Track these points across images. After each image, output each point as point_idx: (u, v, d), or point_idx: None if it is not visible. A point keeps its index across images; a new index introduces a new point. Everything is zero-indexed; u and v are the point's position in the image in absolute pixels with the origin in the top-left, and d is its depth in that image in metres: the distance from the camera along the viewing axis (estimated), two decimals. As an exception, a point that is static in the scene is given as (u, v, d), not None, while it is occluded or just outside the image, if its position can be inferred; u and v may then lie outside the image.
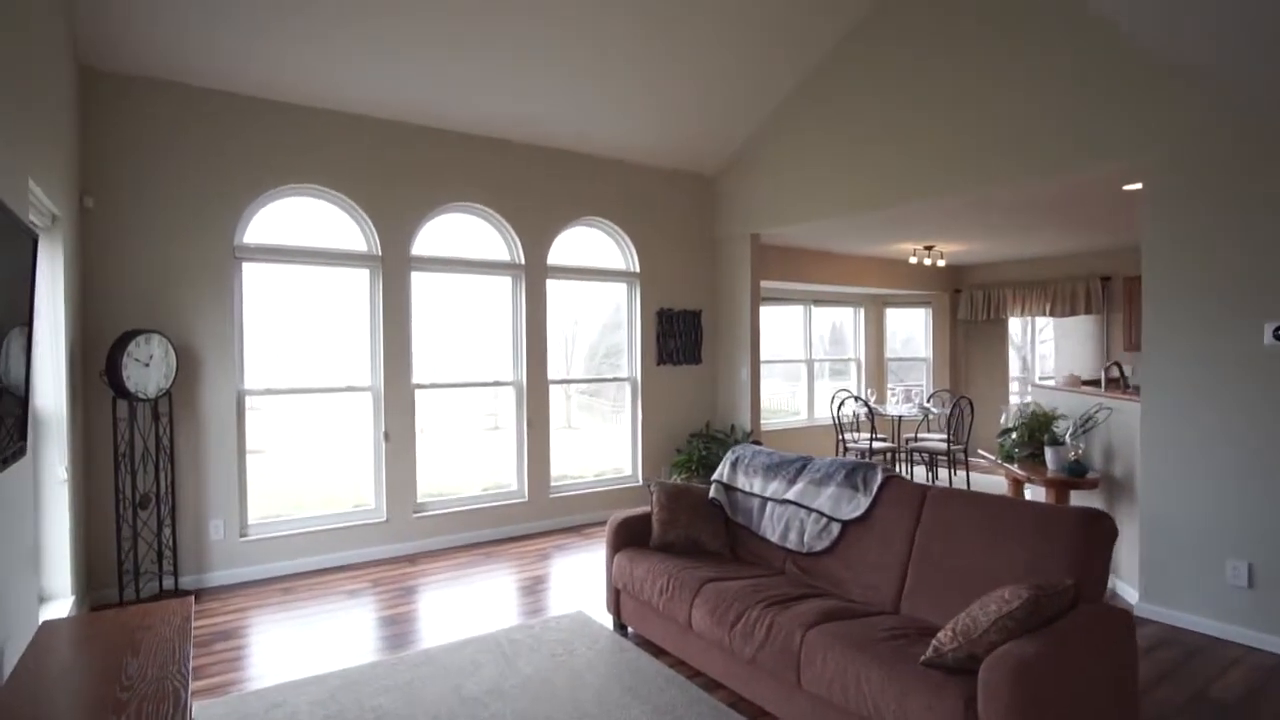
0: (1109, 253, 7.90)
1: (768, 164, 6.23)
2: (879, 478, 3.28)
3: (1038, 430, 4.91)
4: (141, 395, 4.02)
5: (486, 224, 5.63)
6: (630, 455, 6.46)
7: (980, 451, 5.40)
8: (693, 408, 6.73)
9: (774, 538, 3.54)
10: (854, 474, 3.37)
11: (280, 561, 4.70)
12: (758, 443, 5.70)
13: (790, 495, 3.57)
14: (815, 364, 8.99)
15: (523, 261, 5.71)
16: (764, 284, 7.02)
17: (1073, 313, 8.16)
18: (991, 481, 7.27)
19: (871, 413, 7.33)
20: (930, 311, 9.51)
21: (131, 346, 3.96)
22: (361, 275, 5.09)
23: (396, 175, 5.10)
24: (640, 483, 6.40)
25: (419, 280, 5.30)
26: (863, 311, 9.35)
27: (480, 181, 5.47)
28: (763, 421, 6.85)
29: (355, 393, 5.15)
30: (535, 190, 5.74)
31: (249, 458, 4.72)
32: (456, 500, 5.51)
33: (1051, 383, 7.46)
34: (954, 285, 9.36)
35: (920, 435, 7.90)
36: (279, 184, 4.69)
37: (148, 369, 4.05)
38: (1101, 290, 7.91)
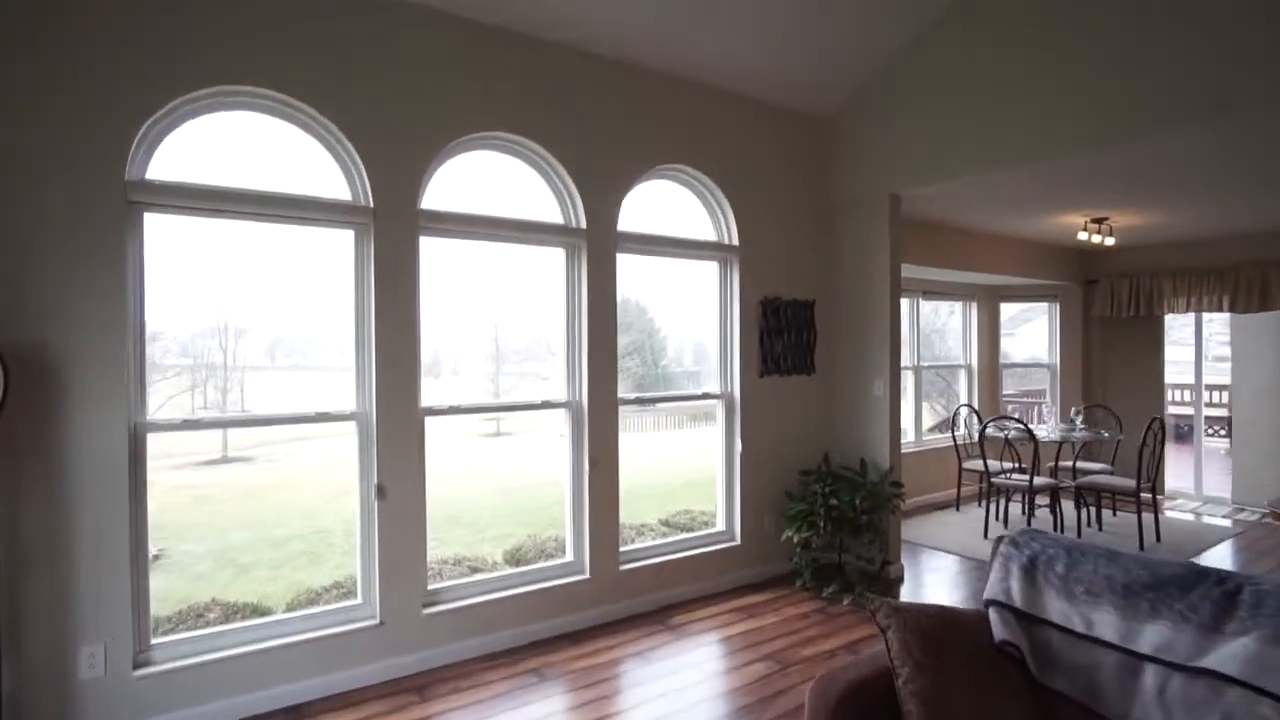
0: (1321, 229, 6.08)
1: (914, 97, 4.40)
2: None
3: None
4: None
5: (529, 170, 3.79)
6: (722, 499, 4.62)
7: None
8: (805, 434, 4.89)
9: (1177, 748, 1.72)
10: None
11: (207, 705, 2.85)
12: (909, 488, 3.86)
13: (1217, 662, 1.73)
14: (923, 370, 7.16)
15: (583, 224, 3.87)
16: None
17: (1263, 307, 6.34)
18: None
19: (1031, 435, 5.49)
20: (1057, 306, 7.68)
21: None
22: (342, 239, 3.25)
23: (392, 83, 3.26)
24: (735, 540, 4.56)
25: (429, 248, 3.46)
26: (975, 306, 7.52)
27: (519, 102, 3.63)
28: (894, 452, 5.01)
29: (331, 424, 3.31)
30: (599, 122, 3.90)
31: (153, 534, 2.88)
32: (482, 585, 3.66)
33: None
34: (1087, 274, 7.54)
35: (1081, 466, 6.06)
36: (207, 86, 2.84)
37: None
38: (1307, 278, 6.09)
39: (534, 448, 5.99)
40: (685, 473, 6.88)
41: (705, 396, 4.60)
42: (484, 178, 3.71)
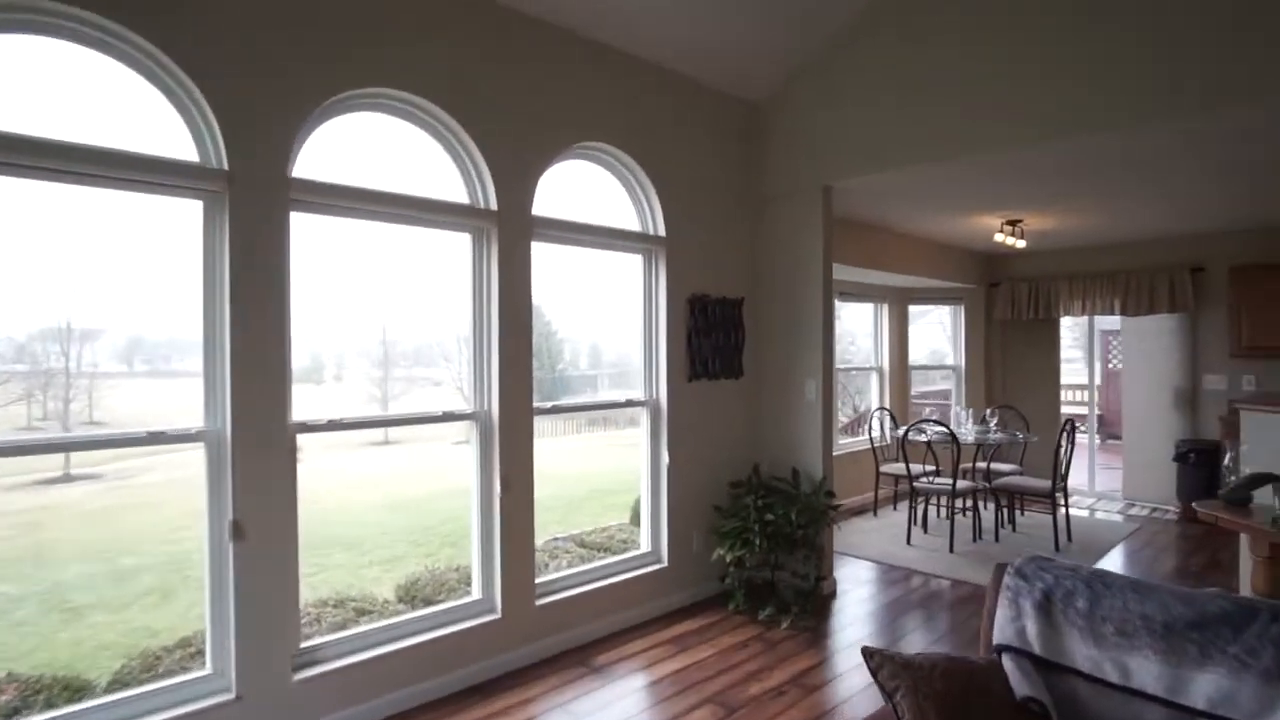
0: (1203, 237, 6.39)
1: (849, 86, 4.15)
2: None
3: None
4: None
5: (430, 140, 3.20)
6: (648, 517, 4.18)
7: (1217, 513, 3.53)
8: (734, 443, 4.53)
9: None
10: None
11: (-21, 832, 2.10)
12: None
13: (1297, 724, 1.45)
14: (836, 373, 7.02)
15: (493, 206, 3.32)
16: (817, 264, 4.93)
17: (1151, 310, 6.61)
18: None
19: (954, 439, 5.40)
20: (962, 309, 7.79)
21: None
22: (188, 211, 2.56)
23: (247, 19, 2.61)
24: (663, 562, 4.13)
25: (304, 227, 2.81)
26: (886, 308, 7.49)
27: (409, 55, 3.04)
28: (823, 459, 4.75)
29: (173, 447, 2.60)
30: (511, 85, 3.37)
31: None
32: (370, 636, 3.02)
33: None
34: (990, 277, 7.69)
35: (994, 468, 6.06)
36: (-20, -7, 2.10)
37: None
38: (1190, 283, 6.40)
39: (426, 457, 5.34)
40: (589, 479, 6.42)
41: (629, 404, 4.14)
42: (373, 147, 3.09)
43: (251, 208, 2.59)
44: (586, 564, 3.93)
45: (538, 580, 3.54)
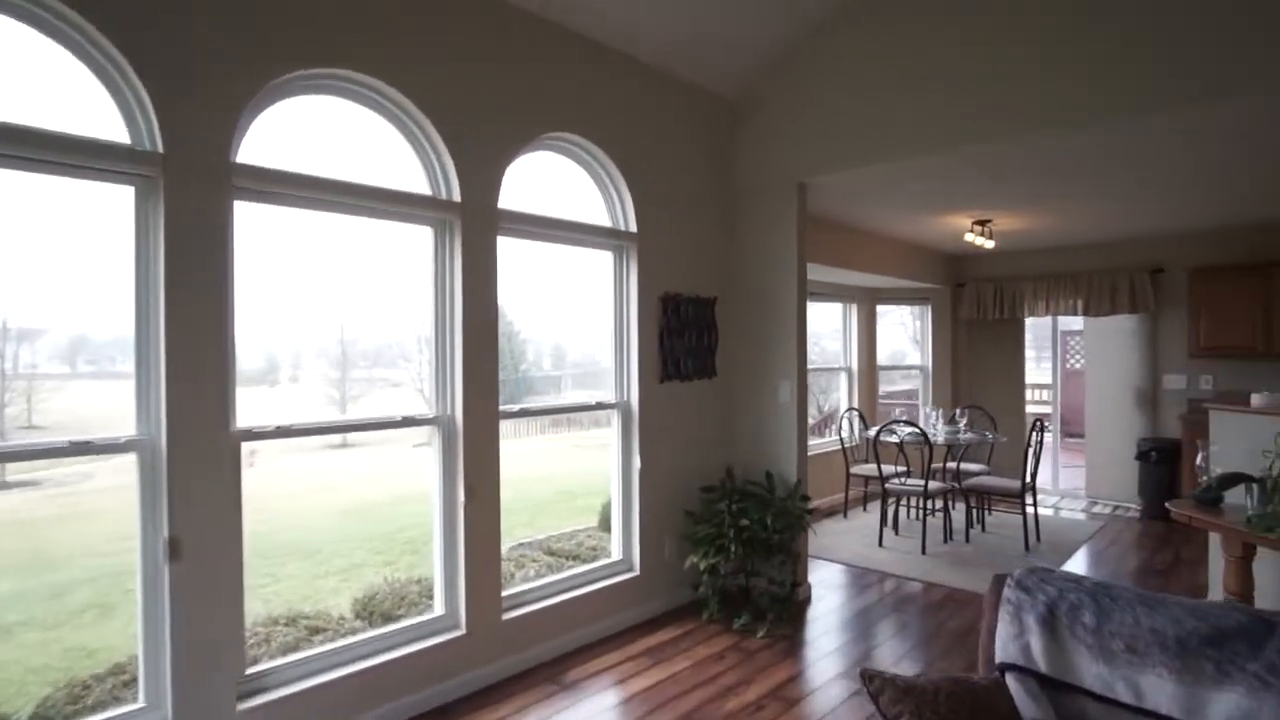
0: (1163, 239, 6.49)
1: (825, 80, 4.07)
2: None
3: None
4: None
5: (389, 127, 3.00)
6: (619, 524, 4.02)
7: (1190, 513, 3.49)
8: (707, 446, 4.41)
9: None
10: None
11: None
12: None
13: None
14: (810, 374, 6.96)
15: (456, 197, 3.14)
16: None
17: (1112, 311, 6.70)
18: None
19: (927, 439, 5.36)
20: (929, 309, 7.81)
21: None
22: (118, 196, 2.32)
23: (198, -12, 2.38)
24: (635, 570, 3.99)
25: (251, 218, 2.59)
26: (854, 308, 7.46)
27: (366, 35, 2.84)
28: (797, 462, 4.65)
29: (100, 459, 2.36)
30: (477, 69, 3.18)
31: None
32: (324, 658, 2.81)
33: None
34: (956, 278, 7.72)
35: (964, 468, 6.06)
36: None
37: None
38: (1150, 285, 6.49)
39: (387, 460, 5.11)
40: (554, 481, 6.23)
41: (600, 406, 3.98)
42: (329, 133, 2.88)
43: (188, 194, 2.36)
44: (555, 574, 3.77)
45: (504, 593, 3.36)
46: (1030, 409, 8.08)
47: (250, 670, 2.58)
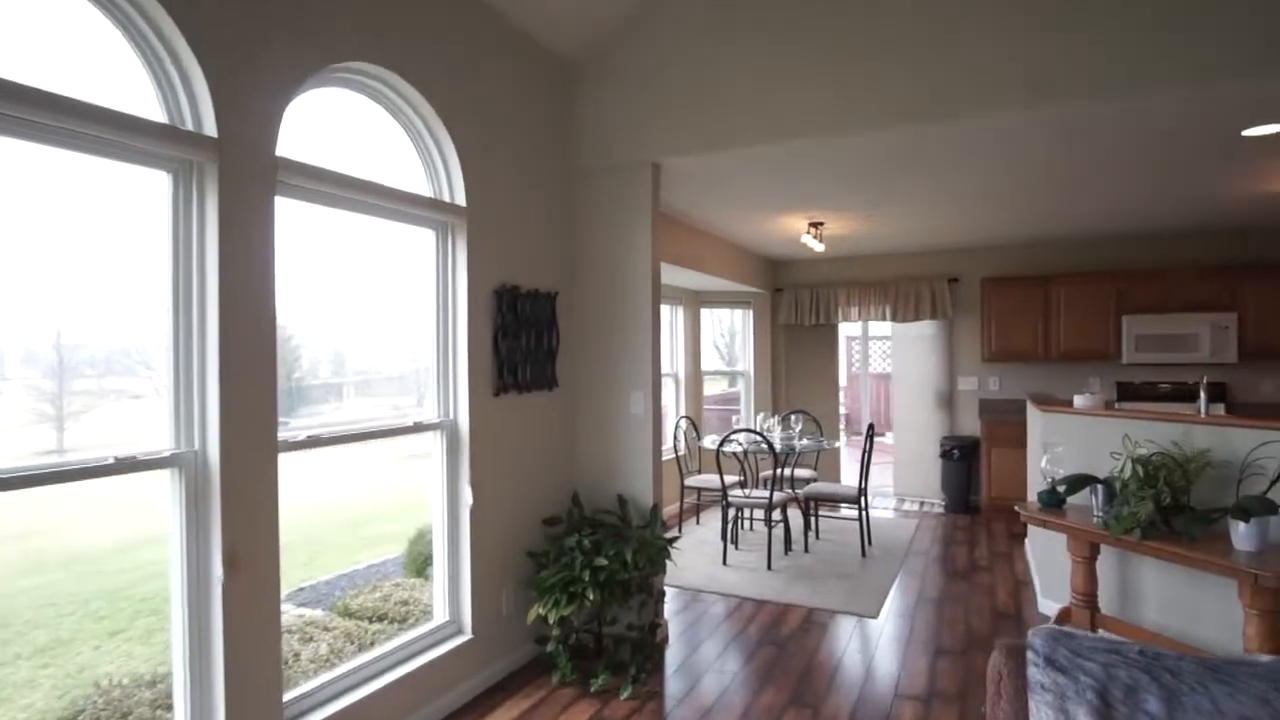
0: (958, 251, 6.95)
1: (681, 48, 3.59)
2: None
3: (1176, 486, 3.13)
4: None
5: (110, 26, 1.94)
6: (444, 577, 3.17)
7: (1027, 512, 3.45)
8: (548, 470, 3.70)
9: None
10: None
11: None
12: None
13: None
14: (636, 382, 6.49)
15: (213, 131, 2.13)
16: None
17: (916, 317, 7.06)
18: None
19: (772, 449, 5.09)
20: (750, 313, 7.74)
21: None
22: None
23: None
24: (466, 634, 3.17)
25: None
26: (681, 310, 7.15)
27: None
28: (647, 481, 4.09)
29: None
30: (243, -41, 2.21)
31: None
32: None
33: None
34: (775, 283, 7.73)
35: (798, 475, 5.93)
36: None
37: None
38: (949, 293, 6.92)
39: (116, 491, 3.77)
40: (337, 508, 5.13)
41: (418, 428, 3.10)
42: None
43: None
44: (362, 654, 2.83)
45: (287, 696, 2.39)
46: (843, 411, 8.35)
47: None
